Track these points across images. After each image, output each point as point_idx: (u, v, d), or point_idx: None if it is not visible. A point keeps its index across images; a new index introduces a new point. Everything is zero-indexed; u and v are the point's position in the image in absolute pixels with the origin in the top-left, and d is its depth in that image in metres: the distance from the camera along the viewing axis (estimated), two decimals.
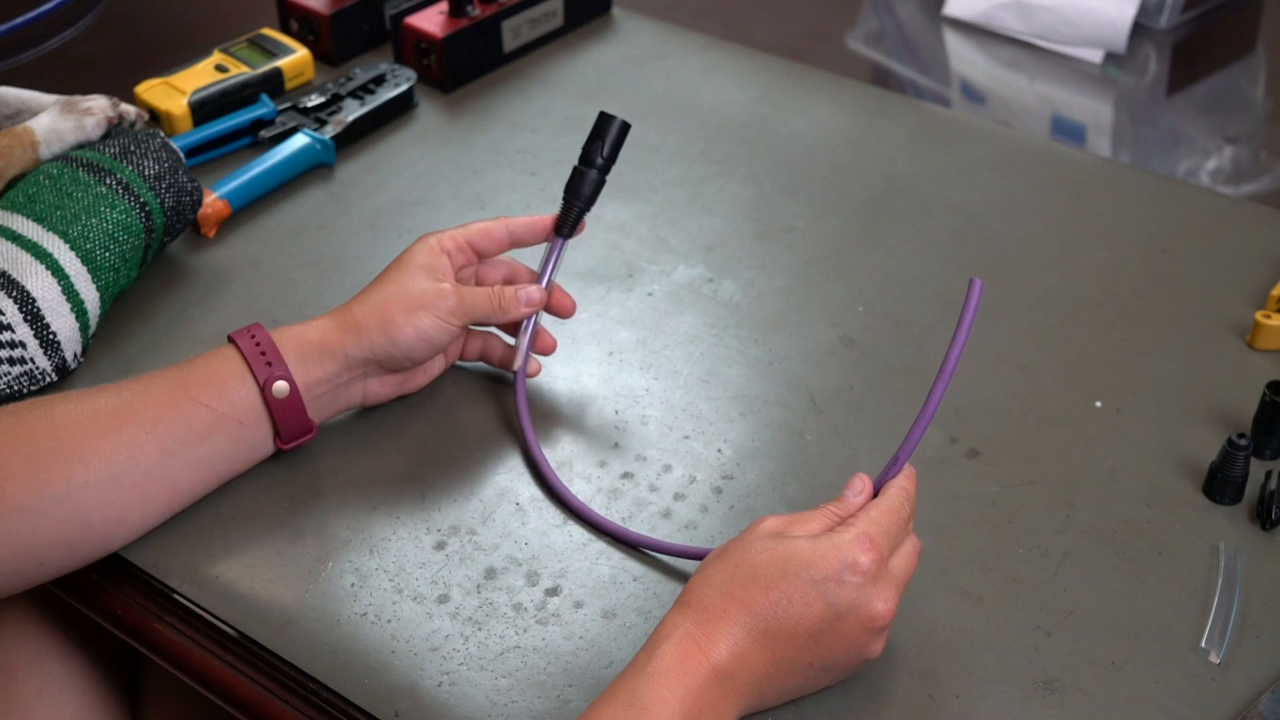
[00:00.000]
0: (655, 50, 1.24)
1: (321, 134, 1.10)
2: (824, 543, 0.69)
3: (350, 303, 0.85)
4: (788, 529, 0.70)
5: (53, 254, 0.90)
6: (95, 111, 1.00)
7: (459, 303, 0.84)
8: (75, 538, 0.77)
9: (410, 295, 0.84)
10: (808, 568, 0.68)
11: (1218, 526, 0.81)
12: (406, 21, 1.17)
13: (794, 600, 0.67)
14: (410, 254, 0.86)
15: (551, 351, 0.90)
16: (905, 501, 0.72)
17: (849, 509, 0.72)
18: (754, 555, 0.69)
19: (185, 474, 0.79)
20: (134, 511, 0.78)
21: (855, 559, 0.68)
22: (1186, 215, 1.05)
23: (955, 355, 0.71)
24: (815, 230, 1.04)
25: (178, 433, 0.78)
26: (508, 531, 0.82)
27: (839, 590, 0.68)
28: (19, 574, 0.76)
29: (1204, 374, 0.91)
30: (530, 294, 0.87)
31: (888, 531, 0.70)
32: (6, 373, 0.87)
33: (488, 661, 0.75)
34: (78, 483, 0.76)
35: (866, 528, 0.69)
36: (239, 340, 0.81)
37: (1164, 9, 1.29)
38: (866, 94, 1.19)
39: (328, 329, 0.83)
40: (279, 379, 0.80)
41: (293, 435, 0.83)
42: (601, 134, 0.88)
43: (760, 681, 0.68)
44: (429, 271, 0.85)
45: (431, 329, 0.84)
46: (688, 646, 0.67)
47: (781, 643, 0.68)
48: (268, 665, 0.76)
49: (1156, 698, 0.72)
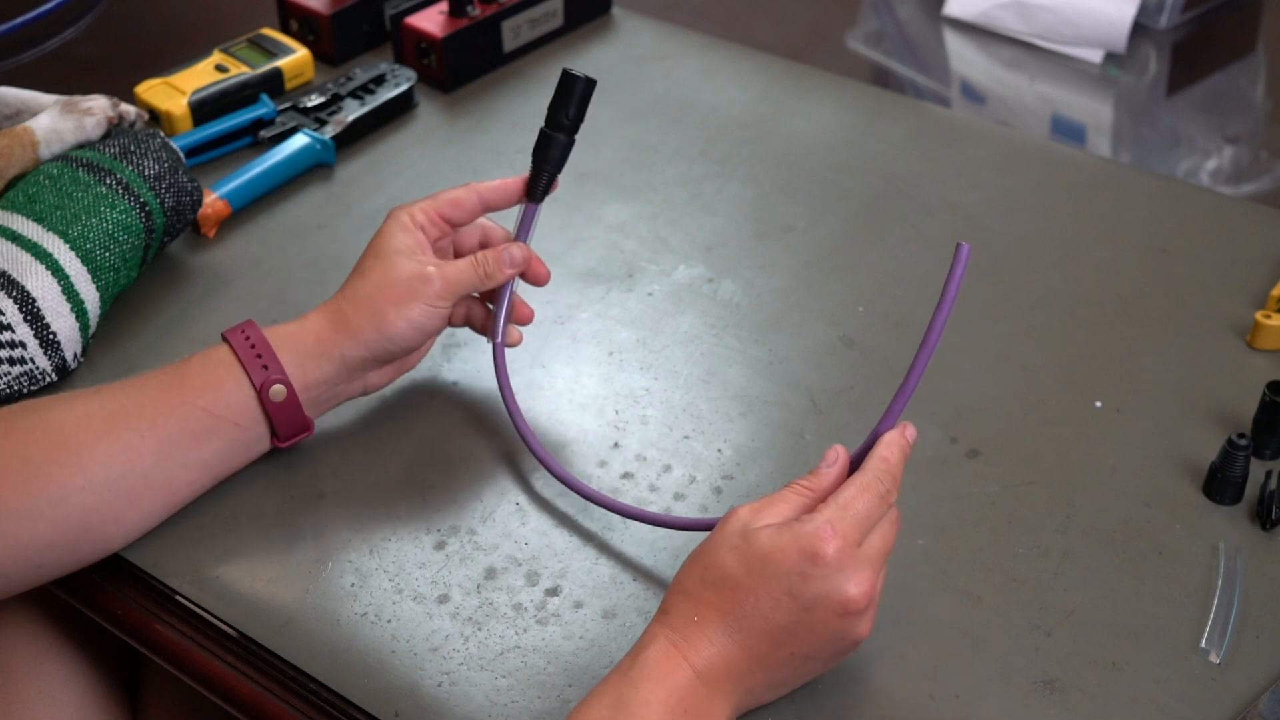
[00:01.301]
0: (655, 50, 1.24)
1: (321, 134, 1.10)
2: (785, 535, 0.67)
3: (338, 299, 0.83)
4: (755, 518, 0.69)
5: (53, 254, 0.90)
6: (95, 111, 1.00)
7: (444, 283, 0.83)
8: (73, 540, 0.77)
9: (396, 285, 0.82)
10: (769, 563, 0.67)
11: (1218, 526, 0.81)
12: (406, 21, 1.17)
13: (761, 598, 0.67)
14: (386, 237, 0.84)
15: (529, 321, 0.88)
16: (881, 476, 0.70)
17: (822, 482, 0.71)
18: (721, 556, 0.68)
19: (182, 476, 0.79)
20: (131, 514, 0.78)
21: (815, 549, 0.66)
22: (1186, 215, 1.04)
23: (941, 320, 0.69)
24: (815, 230, 1.04)
25: (174, 436, 0.78)
26: (508, 531, 0.82)
27: (803, 583, 0.66)
28: (17, 576, 0.76)
29: (1204, 374, 0.91)
30: (513, 253, 0.85)
31: (856, 515, 0.68)
32: (6, 373, 0.87)
33: (488, 661, 0.75)
34: (74, 486, 0.76)
35: (830, 515, 0.67)
36: (233, 341, 0.81)
37: (1164, 9, 1.29)
38: (866, 94, 1.19)
39: (322, 329, 0.82)
40: (276, 382, 0.80)
41: (290, 434, 0.82)
42: (567, 94, 0.86)
43: (744, 678, 0.68)
44: (408, 254, 0.83)
45: (423, 317, 0.83)
46: (668, 651, 0.67)
47: (757, 639, 0.67)
48: (268, 665, 0.76)
49: (1156, 698, 0.72)
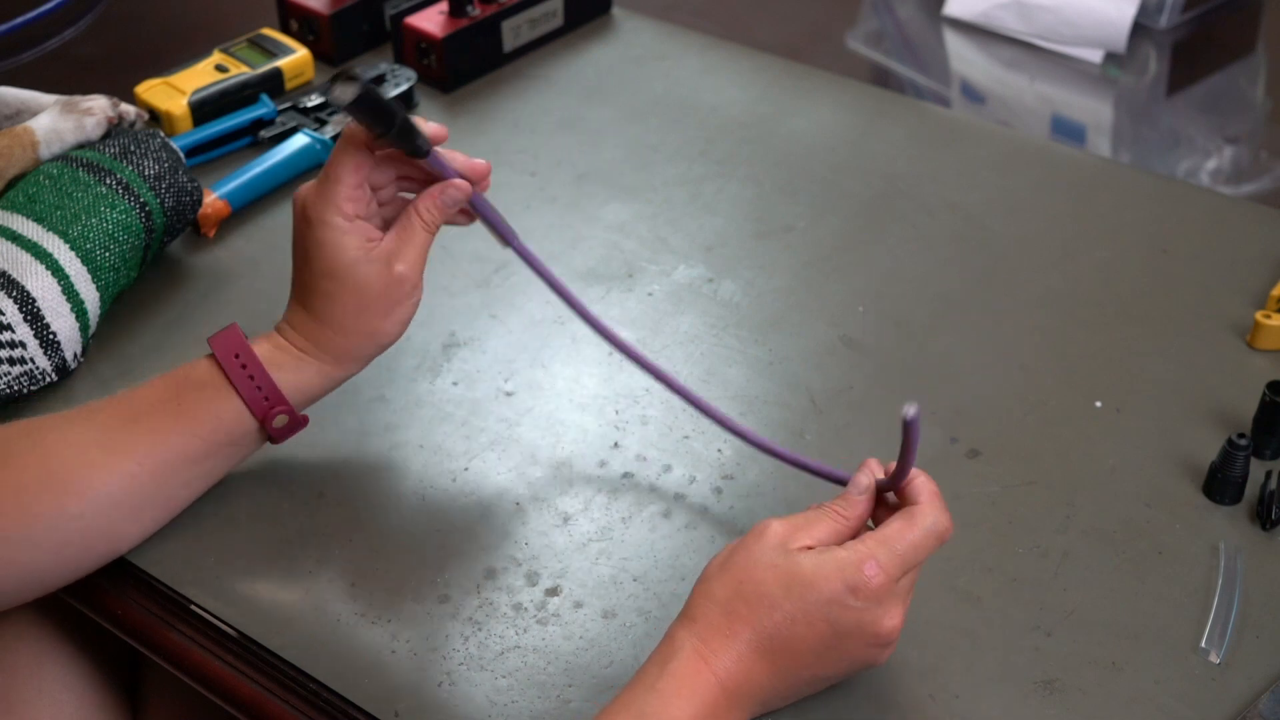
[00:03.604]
0: (655, 50, 1.24)
1: (321, 134, 1.10)
2: (829, 562, 0.67)
3: (323, 329, 0.79)
4: (792, 538, 0.69)
5: (53, 254, 0.90)
6: (95, 111, 0.99)
7: (412, 268, 0.78)
8: (74, 557, 0.77)
9: (376, 300, 0.78)
10: (811, 589, 0.66)
11: (1218, 526, 0.81)
12: (406, 21, 1.17)
13: (797, 620, 0.67)
14: (333, 250, 0.77)
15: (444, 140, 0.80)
16: (937, 536, 0.69)
17: (855, 510, 0.71)
18: (758, 572, 0.67)
19: (182, 493, 0.80)
20: (131, 530, 0.79)
21: (859, 582, 0.66)
22: (1186, 215, 1.04)
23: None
24: (815, 230, 1.04)
25: (172, 461, 0.78)
26: (508, 531, 0.82)
27: (843, 613, 0.66)
28: (18, 594, 0.77)
29: (1204, 374, 0.91)
30: (450, 192, 0.79)
31: (900, 555, 0.67)
32: (6, 373, 0.87)
33: (488, 661, 0.75)
34: (71, 513, 0.76)
35: (874, 549, 0.67)
36: (228, 369, 0.78)
37: (1164, 9, 1.29)
38: (866, 94, 1.19)
39: (324, 372, 0.80)
40: (279, 413, 0.79)
41: (286, 436, 0.82)
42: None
43: (764, 692, 0.68)
44: (364, 259, 0.78)
45: (411, 310, 0.80)
46: (696, 663, 0.66)
47: (785, 658, 0.67)
48: (268, 665, 0.76)
49: (1156, 698, 0.72)
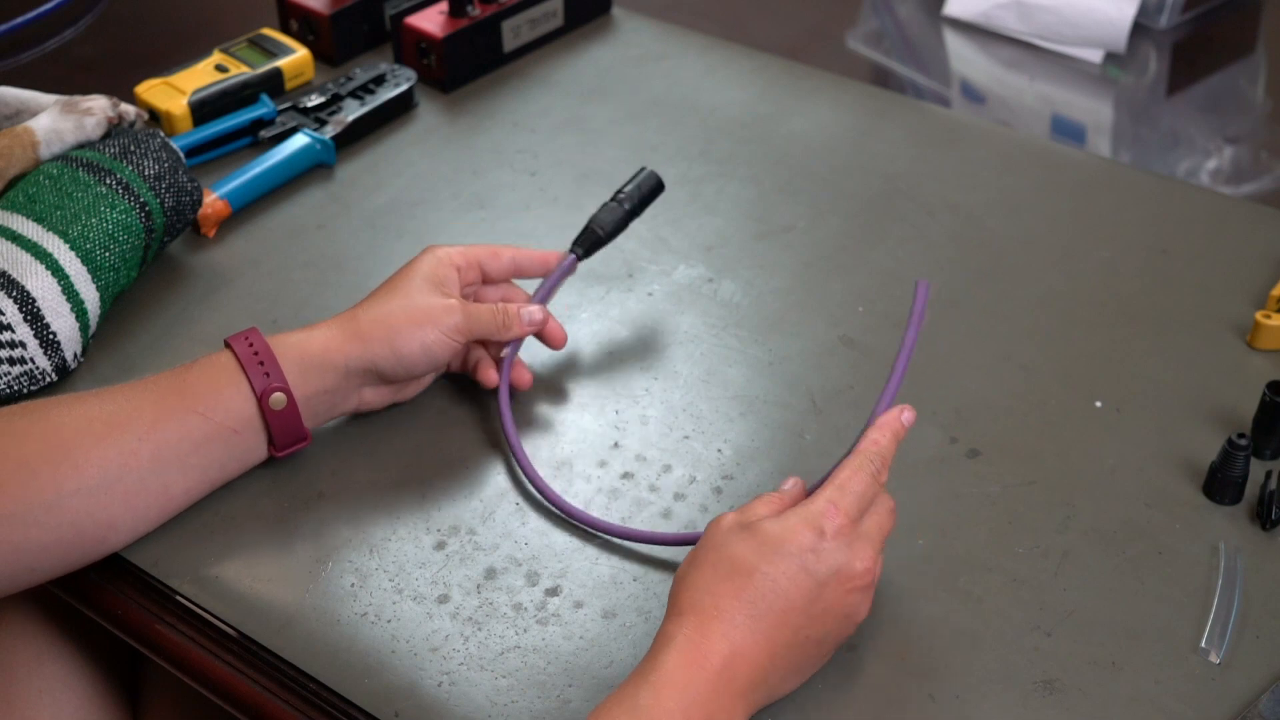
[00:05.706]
0: (655, 50, 1.24)
1: (321, 134, 1.10)
2: (792, 518, 0.70)
3: (356, 310, 0.84)
4: (746, 516, 0.72)
5: (53, 254, 0.90)
6: (95, 111, 0.99)
7: (464, 319, 0.85)
8: (67, 544, 0.77)
9: (417, 309, 0.84)
10: (784, 544, 0.69)
11: (1218, 526, 0.81)
12: (406, 21, 1.17)
13: (778, 578, 0.69)
14: (418, 266, 0.86)
15: (527, 386, 0.89)
16: (872, 457, 0.73)
17: (790, 494, 0.75)
18: (730, 549, 0.70)
19: (179, 481, 0.79)
20: (125, 518, 0.78)
21: (824, 526, 0.70)
22: (1186, 215, 1.04)
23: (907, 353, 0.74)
24: (815, 230, 1.04)
25: (172, 440, 0.78)
26: (508, 531, 0.82)
27: (817, 561, 0.69)
28: (11, 579, 0.76)
29: (1204, 374, 0.91)
30: (532, 313, 0.88)
31: (854, 494, 0.71)
32: (6, 373, 0.87)
33: (488, 661, 0.75)
34: (68, 490, 0.75)
35: (830, 495, 0.71)
36: (236, 346, 0.81)
37: (1164, 9, 1.29)
38: (866, 94, 1.19)
39: (331, 339, 0.83)
40: (276, 390, 0.80)
41: (287, 444, 0.82)
42: (644, 183, 0.95)
43: (763, 671, 0.68)
44: (436, 285, 0.85)
45: (435, 344, 0.84)
46: (689, 653, 0.67)
47: (776, 624, 0.68)
48: (268, 665, 0.76)
49: (1156, 698, 0.72)
